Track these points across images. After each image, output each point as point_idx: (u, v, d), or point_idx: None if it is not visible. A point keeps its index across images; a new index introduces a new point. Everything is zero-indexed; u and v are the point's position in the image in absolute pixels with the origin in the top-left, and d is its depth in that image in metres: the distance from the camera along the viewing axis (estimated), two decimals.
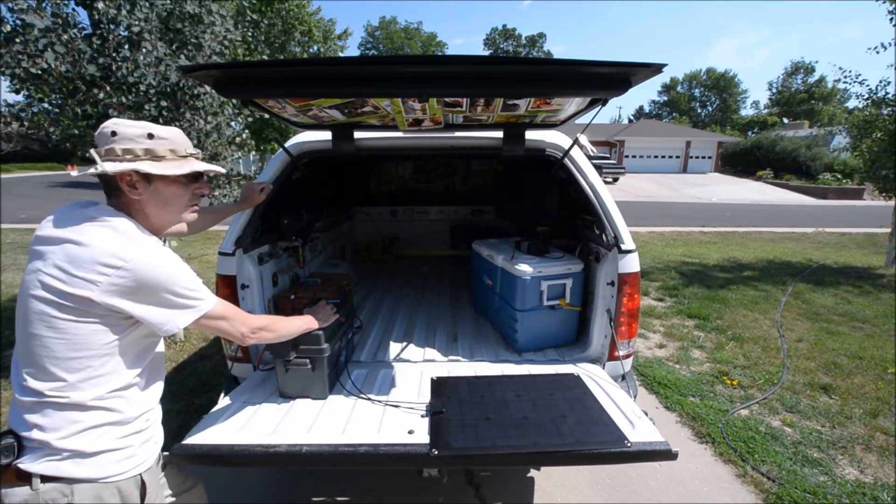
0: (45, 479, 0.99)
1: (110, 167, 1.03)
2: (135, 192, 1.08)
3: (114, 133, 1.06)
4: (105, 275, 0.98)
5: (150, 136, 1.08)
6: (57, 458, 1.00)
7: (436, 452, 1.44)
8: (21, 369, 1.01)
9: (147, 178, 1.08)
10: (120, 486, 1.07)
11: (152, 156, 1.08)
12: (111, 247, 1.00)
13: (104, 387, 1.04)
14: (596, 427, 1.56)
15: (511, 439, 1.50)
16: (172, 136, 1.13)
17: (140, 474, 1.12)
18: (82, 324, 1.00)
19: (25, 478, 0.98)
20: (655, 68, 1.37)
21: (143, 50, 3.31)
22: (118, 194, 1.09)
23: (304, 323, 1.65)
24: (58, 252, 1.00)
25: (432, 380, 1.96)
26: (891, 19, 6.76)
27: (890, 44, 6.91)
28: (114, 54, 3.22)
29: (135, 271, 1.01)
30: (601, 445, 1.46)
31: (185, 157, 1.14)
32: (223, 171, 1.27)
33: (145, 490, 1.12)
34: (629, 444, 1.46)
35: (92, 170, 1.04)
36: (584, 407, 1.71)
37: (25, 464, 0.98)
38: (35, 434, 0.99)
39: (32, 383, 1.00)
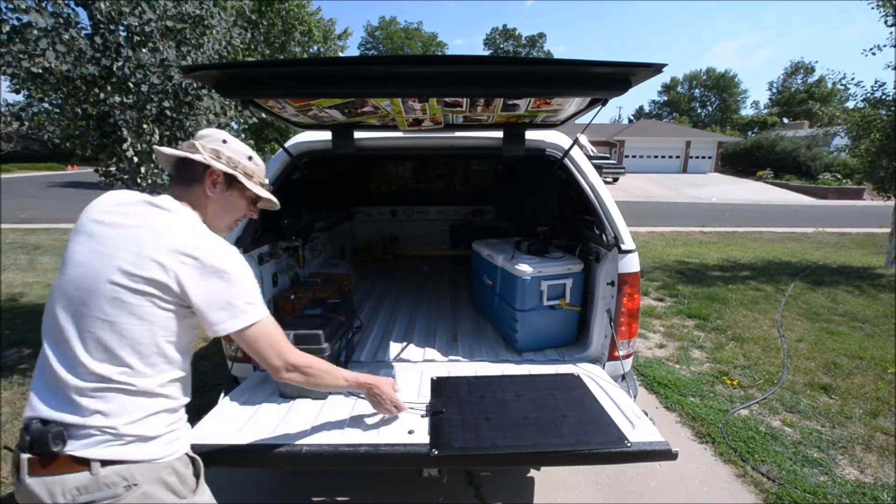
0: (105, 462, 0.97)
1: (216, 164, 1.17)
2: (212, 189, 1.19)
3: (224, 141, 1.23)
4: (184, 264, 1.03)
5: (250, 157, 1.27)
6: (120, 444, 0.99)
7: (436, 452, 1.44)
8: (79, 354, 0.98)
9: (228, 183, 1.22)
10: (174, 465, 1.08)
11: (245, 172, 1.24)
12: (191, 238, 1.06)
13: (166, 374, 1.07)
14: (596, 427, 1.56)
15: (511, 439, 1.50)
16: (261, 166, 1.31)
17: (186, 453, 1.13)
18: (158, 310, 1.02)
19: (83, 463, 0.96)
20: (655, 68, 1.38)
21: (146, 50, 3.30)
22: (193, 186, 1.17)
23: (349, 383, 1.44)
24: (135, 238, 1.02)
25: (432, 380, 1.96)
26: (886, 21, 6.78)
27: (884, 45, 6.92)
28: (114, 55, 3.22)
29: (211, 265, 1.05)
30: (601, 445, 1.46)
31: (263, 185, 1.30)
32: (278, 206, 1.37)
33: (196, 465, 1.14)
34: (629, 444, 1.46)
35: (198, 157, 1.16)
36: (584, 407, 1.71)
37: (83, 450, 0.96)
38: (96, 420, 0.97)
39: (99, 368, 0.98)
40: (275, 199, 1.33)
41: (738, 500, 2.32)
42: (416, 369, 2.15)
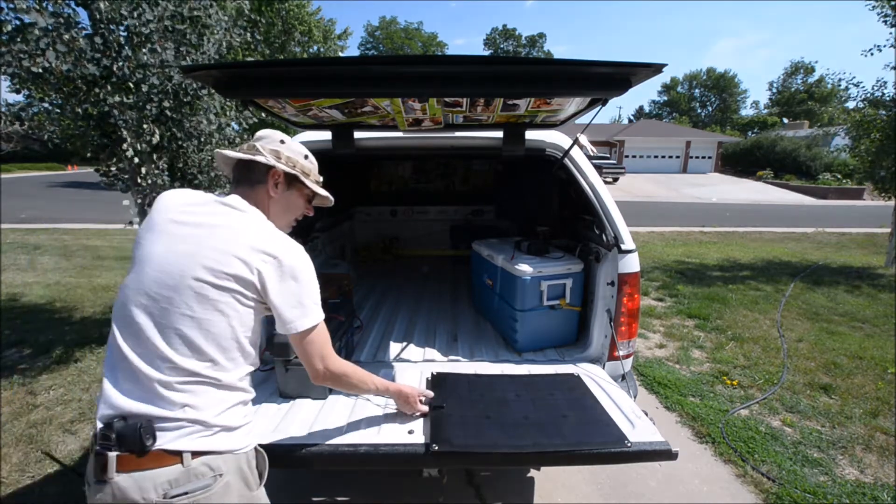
0: (195, 454, 1.00)
1: (279, 165, 1.20)
2: (274, 189, 1.21)
3: (282, 141, 1.25)
4: (266, 262, 1.07)
5: (306, 156, 1.29)
6: (209, 434, 1.02)
7: (436, 448, 1.44)
8: (163, 350, 1.00)
9: (289, 183, 1.24)
10: (249, 456, 1.13)
11: (302, 171, 1.26)
12: (269, 237, 1.10)
13: (243, 369, 1.11)
14: (596, 427, 1.56)
15: (511, 438, 1.50)
16: (315, 164, 1.33)
17: (255, 446, 1.17)
18: (241, 306, 1.06)
19: (175, 455, 0.98)
20: (655, 68, 1.38)
21: (145, 50, 3.30)
22: (257, 187, 1.20)
23: (380, 392, 1.51)
24: (217, 236, 1.06)
25: (432, 374, 1.95)
26: (885, 21, 6.78)
27: (883, 46, 6.93)
28: (115, 55, 3.22)
29: (288, 265, 1.10)
30: (601, 445, 1.46)
31: (318, 182, 1.32)
32: (332, 202, 1.37)
33: (261, 459, 1.18)
34: (629, 444, 1.46)
35: (261, 159, 1.18)
36: (584, 407, 1.70)
37: (174, 442, 0.98)
38: (185, 412, 0.99)
39: (185, 363, 1.01)
40: (330, 196, 1.35)
41: (738, 500, 2.32)
42: (416, 369, 2.15)
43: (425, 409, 1.64)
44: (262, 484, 1.17)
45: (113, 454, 0.95)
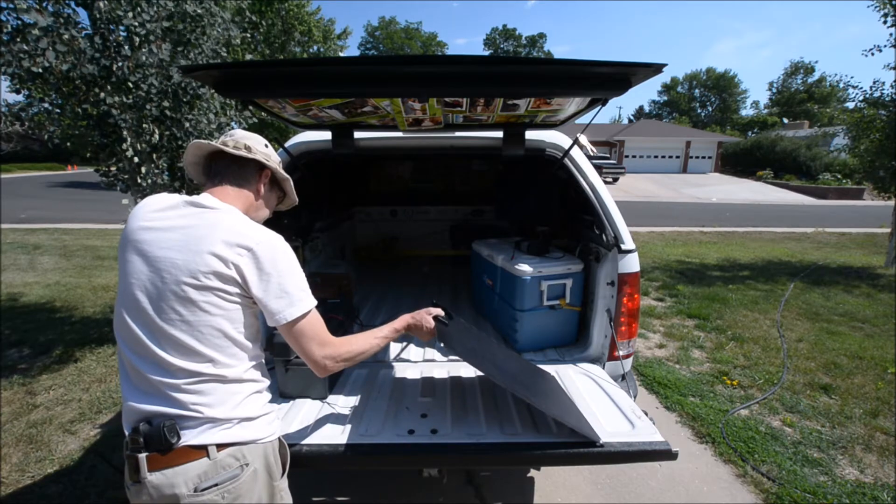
0: (220, 447, 1.03)
1: (270, 164, 1.25)
2: (263, 187, 1.27)
3: (266, 145, 1.29)
4: (241, 255, 1.06)
5: (279, 161, 1.33)
6: (228, 427, 1.05)
7: (441, 346, 1.42)
8: (163, 356, 1.02)
9: (272, 183, 1.31)
10: (273, 446, 1.16)
11: (282, 176, 1.32)
12: (242, 230, 1.09)
13: (246, 362, 1.12)
14: (580, 415, 1.56)
15: (507, 379, 1.49)
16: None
17: (279, 437, 1.20)
18: (226, 303, 1.06)
19: (200, 449, 1.01)
20: (655, 68, 1.38)
21: (144, 50, 3.30)
22: (245, 185, 1.23)
23: (388, 338, 1.41)
24: (190, 237, 1.05)
25: (433, 302, 1.88)
26: (885, 21, 6.78)
27: (884, 46, 6.93)
28: (114, 55, 3.22)
29: (265, 255, 1.08)
30: (580, 426, 1.46)
31: (284, 179, 1.35)
32: (297, 202, 1.44)
33: (284, 451, 1.23)
34: (602, 445, 1.45)
35: (260, 157, 1.23)
36: (567, 399, 1.71)
37: (198, 437, 1.01)
38: (200, 412, 1.02)
39: (186, 365, 1.02)
40: (296, 200, 1.42)
41: (738, 500, 2.32)
42: (416, 369, 2.15)
43: (433, 325, 1.53)
44: (285, 474, 1.20)
45: (143, 455, 0.99)
